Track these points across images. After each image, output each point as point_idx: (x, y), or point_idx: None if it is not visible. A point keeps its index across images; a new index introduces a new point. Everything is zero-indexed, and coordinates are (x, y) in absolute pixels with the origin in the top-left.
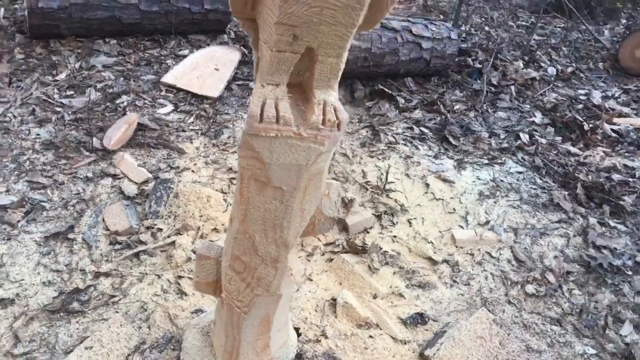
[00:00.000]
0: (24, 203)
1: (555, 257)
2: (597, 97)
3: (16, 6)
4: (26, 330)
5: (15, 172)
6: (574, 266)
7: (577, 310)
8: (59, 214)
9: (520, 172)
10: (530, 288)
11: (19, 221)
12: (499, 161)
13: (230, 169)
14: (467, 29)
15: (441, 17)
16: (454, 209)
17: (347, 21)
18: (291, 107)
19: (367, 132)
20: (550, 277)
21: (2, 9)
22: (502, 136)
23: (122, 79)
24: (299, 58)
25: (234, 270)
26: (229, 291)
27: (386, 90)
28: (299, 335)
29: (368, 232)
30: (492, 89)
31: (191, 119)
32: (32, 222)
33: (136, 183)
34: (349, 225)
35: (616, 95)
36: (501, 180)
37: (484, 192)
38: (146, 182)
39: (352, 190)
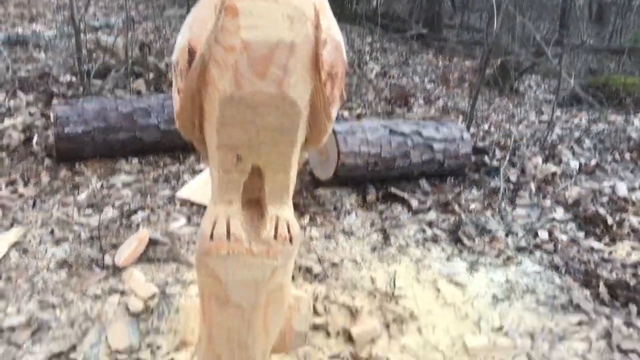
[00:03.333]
0: (32, 323)
1: None
2: (622, 189)
3: (49, 132)
4: None
5: (28, 292)
6: None
7: None
8: (65, 333)
9: (538, 272)
10: None
11: (24, 342)
12: (516, 261)
13: None
14: (486, 127)
15: (460, 117)
16: (466, 315)
17: (286, 140)
18: (247, 223)
19: (378, 236)
20: None
21: (36, 136)
22: (520, 234)
23: (139, 195)
24: (254, 175)
25: None
26: None
27: (398, 194)
28: None
29: (375, 343)
30: (511, 186)
31: None
32: (37, 342)
33: (142, 299)
34: (354, 336)
35: None
36: (516, 282)
37: (498, 295)
38: (152, 297)
39: (360, 298)
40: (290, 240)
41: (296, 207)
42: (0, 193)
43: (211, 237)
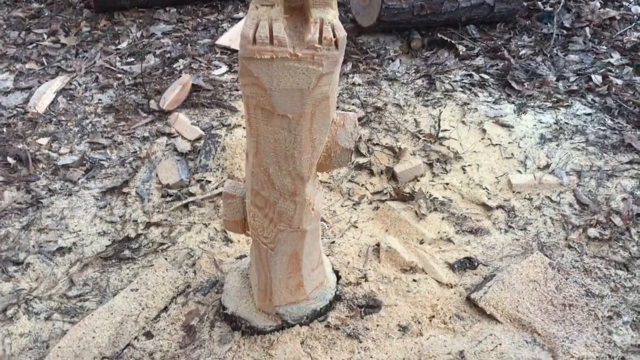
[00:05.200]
0: (85, 162)
1: (624, 199)
2: None
3: None
4: (80, 275)
5: (79, 135)
6: None
7: None
8: (116, 171)
9: (589, 114)
10: (593, 231)
11: (79, 178)
12: (566, 104)
13: None
14: None
15: None
16: (512, 154)
17: None
18: (289, 29)
19: (423, 81)
20: (617, 220)
21: None
22: (572, 79)
23: (179, 44)
24: None
25: (256, 206)
26: (254, 227)
27: (446, 38)
28: (339, 278)
29: (418, 181)
30: (564, 32)
31: None
32: (91, 179)
33: (189, 140)
34: (398, 174)
35: None
36: (566, 123)
37: (546, 136)
38: (199, 139)
39: (404, 140)
40: (336, 44)
41: None
42: (43, 43)
43: (254, 41)
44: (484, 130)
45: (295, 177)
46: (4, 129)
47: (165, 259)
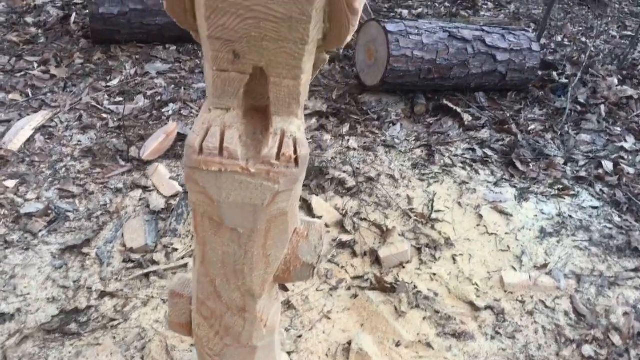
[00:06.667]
0: (50, 212)
1: (625, 313)
2: None
3: (87, 11)
4: (17, 350)
5: (50, 179)
6: None
7: None
8: (81, 225)
9: (595, 207)
10: (588, 349)
11: (40, 230)
12: (572, 193)
13: None
14: (560, 39)
15: (532, 25)
16: (508, 247)
17: (294, 36)
18: (247, 136)
19: (422, 152)
20: (616, 338)
21: (74, 15)
22: (581, 163)
23: (173, 86)
24: (262, 75)
25: (202, 315)
26: (199, 337)
27: (451, 106)
28: None
29: (404, 267)
30: (578, 107)
31: None
32: (53, 232)
33: (165, 197)
34: (382, 258)
35: None
36: (569, 216)
37: (547, 229)
38: (175, 195)
39: (394, 217)
40: (296, 162)
41: (337, 113)
42: (32, 72)
43: (200, 150)
44: (481, 216)
45: (245, 293)
46: None
47: (114, 337)
